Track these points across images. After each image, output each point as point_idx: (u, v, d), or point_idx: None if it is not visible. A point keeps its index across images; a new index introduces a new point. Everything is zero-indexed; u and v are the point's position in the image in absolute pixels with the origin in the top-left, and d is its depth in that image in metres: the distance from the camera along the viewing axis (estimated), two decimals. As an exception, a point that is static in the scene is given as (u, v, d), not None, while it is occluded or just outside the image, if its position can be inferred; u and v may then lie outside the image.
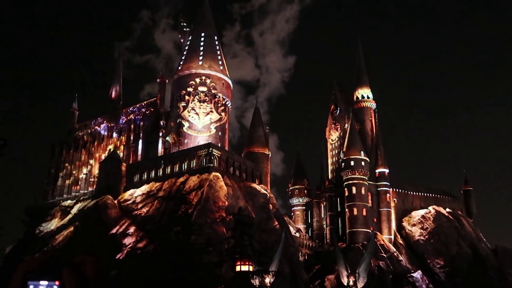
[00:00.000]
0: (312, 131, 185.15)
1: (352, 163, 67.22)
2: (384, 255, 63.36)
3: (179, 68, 69.72)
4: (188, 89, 66.39)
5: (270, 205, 55.79)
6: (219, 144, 62.40)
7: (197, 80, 66.62)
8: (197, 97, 65.68)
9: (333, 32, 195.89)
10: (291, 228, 61.03)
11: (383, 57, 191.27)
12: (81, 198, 60.39)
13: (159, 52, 78.68)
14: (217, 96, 67.22)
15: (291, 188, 79.40)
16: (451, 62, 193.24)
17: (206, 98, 66.01)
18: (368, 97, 76.23)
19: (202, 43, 70.00)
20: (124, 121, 64.64)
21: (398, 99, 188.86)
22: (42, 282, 1.92)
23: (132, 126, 62.18)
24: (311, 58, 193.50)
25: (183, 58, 70.51)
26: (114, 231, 49.84)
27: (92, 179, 61.95)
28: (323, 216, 72.24)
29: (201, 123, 65.31)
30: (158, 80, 64.86)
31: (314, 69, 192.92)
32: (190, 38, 71.98)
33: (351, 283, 48.57)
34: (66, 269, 1.95)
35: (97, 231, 50.22)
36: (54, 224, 57.89)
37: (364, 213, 65.78)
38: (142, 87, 68.44)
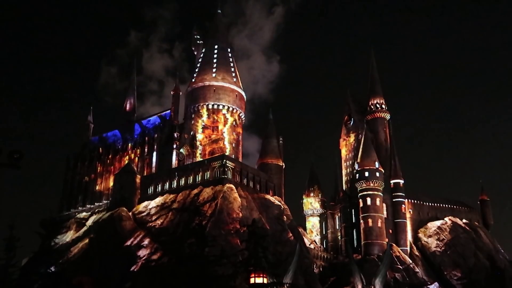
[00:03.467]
0: (325, 142, 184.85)
1: (366, 173, 66.86)
2: (400, 267, 62.71)
3: (193, 80, 70.25)
4: (202, 102, 66.94)
5: (284, 216, 55.60)
6: (233, 156, 62.60)
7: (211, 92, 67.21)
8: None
9: (346, 42, 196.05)
10: (305, 240, 60.72)
11: (396, 66, 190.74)
12: (96, 210, 60.73)
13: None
14: (230, 109, 67.59)
15: (305, 199, 79.24)
16: (467, 71, 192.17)
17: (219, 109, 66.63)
18: (382, 108, 75.91)
19: (215, 56, 70.51)
20: (138, 134, 65.11)
21: (412, 109, 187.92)
22: None
23: (146, 138, 62.57)
24: (325, 69, 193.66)
25: (196, 70, 71.08)
26: (128, 243, 49.98)
27: (107, 191, 62.33)
28: (337, 228, 71.83)
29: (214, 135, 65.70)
30: (171, 93, 65.37)
31: (327, 79, 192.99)
32: (203, 50, 72.55)
33: (366, 295, 48.22)
34: None
35: (112, 243, 50.42)
36: (69, 236, 58.27)
37: (379, 225, 65.26)
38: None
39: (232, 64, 71.32)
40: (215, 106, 67.53)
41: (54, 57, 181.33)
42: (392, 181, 70.35)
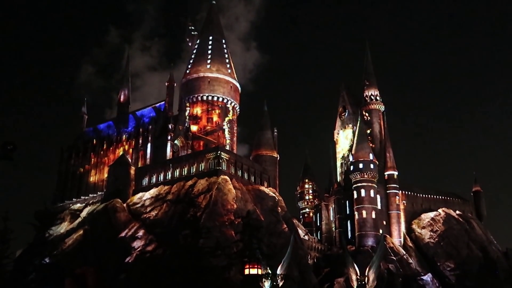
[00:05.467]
0: (320, 133, 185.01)
1: (360, 165, 66.98)
2: (394, 258, 63.05)
3: (187, 71, 70.04)
4: (196, 94, 66.89)
5: (279, 208, 55.72)
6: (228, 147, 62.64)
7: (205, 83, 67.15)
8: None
9: (340, 33, 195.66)
10: (299, 231, 60.92)
11: (391, 58, 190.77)
12: (90, 201, 60.61)
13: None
14: (225, 100, 67.54)
15: (299, 191, 79.43)
16: (461, 63, 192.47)
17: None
18: (376, 99, 75.94)
19: (210, 47, 70.25)
20: (132, 125, 64.87)
21: (407, 100, 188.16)
22: None
23: (140, 129, 62.35)
24: (320, 59, 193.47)
25: (191, 61, 70.85)
26: (123, 234, 49.97)
27: (101, 183, 62.16)
28: (332, 219, 72.00)
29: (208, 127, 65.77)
30: (166, 84, 65.06)
31: (322, 71, 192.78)
32: (198, 42, 72.29)
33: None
34: (67, 279, 1.95)
35: (106, 234, 50.41)
36: (63, 227, 58.16)
37: (373, 216, 65.50)
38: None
39: (226, 56, 71.16)
40: (210, 98, 67.41)
41: (47, 49, 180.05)
42: (386, 173, 70.55)
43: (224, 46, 72.00)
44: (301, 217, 77.11)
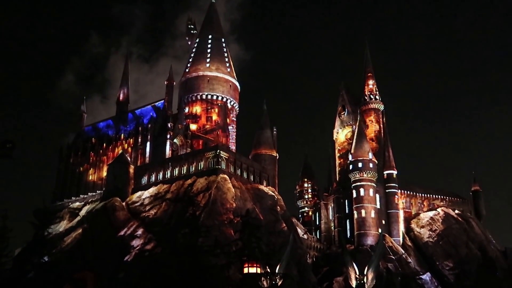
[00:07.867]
0: (319, 132, 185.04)
1: (360, 164, 66.99)
2: (393, 257, 63.10)
3: (187, 70, 69.95)
4: (195, 93, 66.86)
5: (278, 207, 55.69)
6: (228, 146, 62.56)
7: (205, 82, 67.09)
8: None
9: (340, 33, 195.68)
10: (299, 230, 60.91)
11: (390, 57, 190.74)
12: (89, 200, 60.57)
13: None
14: (224, 99, 67.48)
15: (298, 190, 79.41)
16: (460, 62, 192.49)
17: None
18: (376, 99, 75.91)
19: (209, 46, 70.16)
20: (132, 124, 64.76)
21: (406, 99, 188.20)
22: None
23: (140, 128, 62.28)
24: (319, 59, 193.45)
25: (190, 60, 70.76)
26: (122, 233, 49.94)
27: (100, 182, 62.12)
28: (331, 218, 72.00)
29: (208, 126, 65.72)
30: (165, 83, 64.95)
31: (321, 70, 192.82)
32: (197, 40, 72.22)
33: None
34: (66, 285, 1.94)
35: (105, 233, 50.36)
36: (62, 226, 58.13)
37: (372, 215, 65.52)
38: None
39: (226, 54, 71.08)
40: (209, 97, 67.35)
41: (45, 46, 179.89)
42: (385, 172, 70.53)
43: (224, 45, 71.93)
44: (300, 216, 77.06)
